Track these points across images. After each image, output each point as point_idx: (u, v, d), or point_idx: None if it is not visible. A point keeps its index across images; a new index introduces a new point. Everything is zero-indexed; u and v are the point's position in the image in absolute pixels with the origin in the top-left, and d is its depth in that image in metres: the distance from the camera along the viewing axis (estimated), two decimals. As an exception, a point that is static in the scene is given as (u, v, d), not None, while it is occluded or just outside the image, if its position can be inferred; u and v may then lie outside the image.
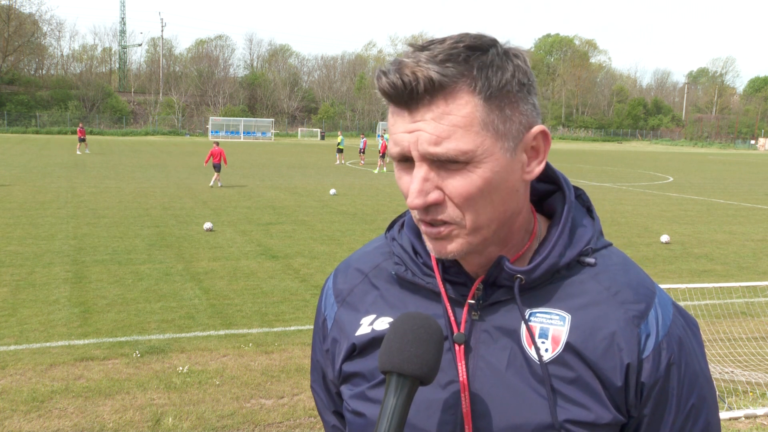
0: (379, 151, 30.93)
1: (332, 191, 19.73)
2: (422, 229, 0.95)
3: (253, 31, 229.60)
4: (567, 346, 0.95)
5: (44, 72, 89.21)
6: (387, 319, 1.04)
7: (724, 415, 5.01)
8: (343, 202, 17.85)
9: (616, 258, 1.03)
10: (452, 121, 0.87)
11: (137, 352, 6.09)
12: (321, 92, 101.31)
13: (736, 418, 5.04)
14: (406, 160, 0.93)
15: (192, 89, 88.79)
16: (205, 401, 5.12)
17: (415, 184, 0.90)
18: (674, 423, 0.98)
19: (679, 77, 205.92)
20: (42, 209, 14.55)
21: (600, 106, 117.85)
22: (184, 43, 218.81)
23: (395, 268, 1.06)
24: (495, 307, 1.00)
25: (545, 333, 0.97)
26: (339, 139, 36.24)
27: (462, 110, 0.87)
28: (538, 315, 0.98)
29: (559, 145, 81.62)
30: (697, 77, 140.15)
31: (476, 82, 0.88)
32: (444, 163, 0.89)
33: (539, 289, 0.99)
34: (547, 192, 1.09)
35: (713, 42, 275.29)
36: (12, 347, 6.16)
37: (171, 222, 13.45)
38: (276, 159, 36.84)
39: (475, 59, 0.88)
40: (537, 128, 0.94)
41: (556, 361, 0.95)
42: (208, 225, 12.61)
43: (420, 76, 0.86)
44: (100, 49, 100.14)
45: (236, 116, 78.51)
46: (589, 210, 1.08)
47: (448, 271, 1.02)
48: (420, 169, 0.90)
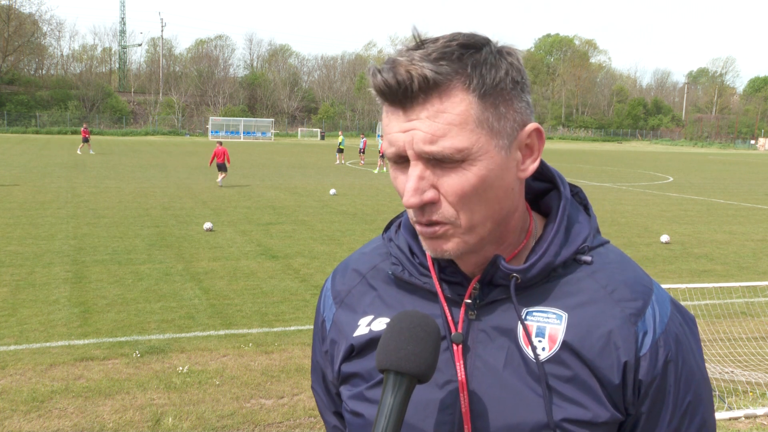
0: (379, 151, 30.93)
1: (332, 191, 19.73)
2: (418, 229, 0.95)
3: (253, 31, 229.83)
4: (564, 344, 0.96)
5: (44, 72, 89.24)
6: (385, 320, 1.04)
7: (724, 415, 5.01)
8: (343, 202, 17.85)
9: (612, 256, 1.03)
10: (447, 119, 0.87)
11: (137, 352, 6.10)
12: (321, 92, 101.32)
13: (736, 418, 5.03)
14: (401, 160, 0.92)
15: (192, 89, 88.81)
16: (205, 401, 5.13)
17: (410, 182, 0.89)
18: (671, 420, 0.98)
19: (679, 77, 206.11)
20: (42, 209, 14.55)
21: (600, 106, 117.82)
22: (184, 43, 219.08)
23: (392, 268, 1.06)
24: (492, 307, 1.00)
25: (542, 332, 0.97)
26: (339, 139, 36.24)
27: (457, 108, 0.87)
28: (534, 314, 0.98)
29: (559, 145, 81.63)
30: (697, 77, 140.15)
31: (470, 79, 0.87)
32: (439, 162, 0.89)
33: (536, 288, 0.99)
34: (543, 190, 1.09)
35: (713, 42, 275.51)
36: (12, 347, 6.17)
37: (171, 222, 13.45)
38: (276, 159, 36.84)
39: (468, 57, 0.88)
40: (531, 126, 0.94)
41: (553, 359, 0.95)
42: (208, 225, 12.61)
43: (414, 75, 0.86)
44: (100, 49, 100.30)
45: (236, 116, 78.51)
46: (585, 207, 1.08)
47: (445, 270, 1.02)
48: (415, 168, 0.90)
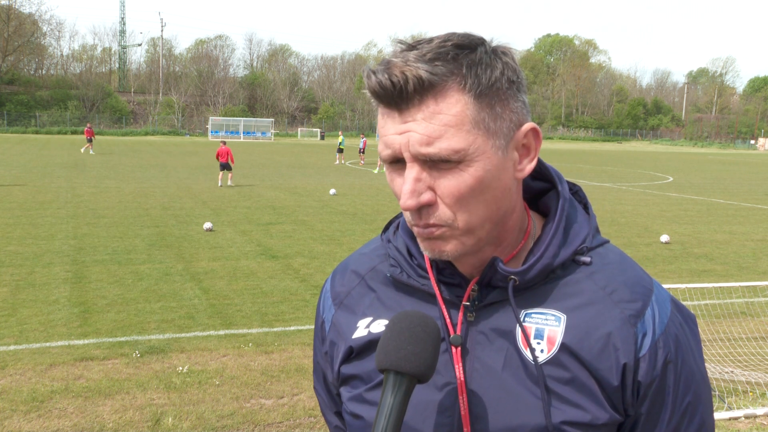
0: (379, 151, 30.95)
1: (332, 191, 19.73)
2: (415, 231, 0.95)
3: (253, 31, 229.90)
4: (562, 346, 0.95)
5: (44, 72, 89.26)
6: (383, 322, 1.03)
7: (724, 415, 5.01)
8: (343, 202, 17.85)
9: (612, 256, 1.02)
10: (443, 120, 0.87)
11: (137, 352, 6.10)
12: (321, 92, 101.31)
13: (736, 418, 5.03)
14: (397, 162, 0.92)
15: (192, 89, 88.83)
16: (205, 401, 5.13)
17: (407, 185, 0.89)
18: (670, 421, 0.97)
19: (679, 77, 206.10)
20: (42, 209, 14.55)
21: (600, 106, 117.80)
22: (183, 43, 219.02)
23: (390, 270, 1.06)
24: (490, 309, 0.99)
25: (540, 334, 0.96)
26: (340, 139, 36.23)
27: (452, 109, 0.87)
28: (533, 315, 0.97)
29: (559, 145, 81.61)
30: (697, 77, 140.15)
31: (466, 80, 0.87)
32: (436, 163, 0.89)
33: (534, 290, 0.99)
34: (542, 190, 1.08)
35: (713, 42, 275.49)
36: (12, 347, 6.17)
37: (171, 222, 13.45)
38: (276, 159, 36.84)
39: (463, 57, 0.87)
40: (527, 126, 0.93)
41: (551, 361, 0.95)
42: (207, 225, 12.61)
43: (409, 76, 0.85)
44: (99, 49, 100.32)
45: (236, 116, 78.52)
46: (585, 206, 1.07)
47: (443, 272, 1.01)
48: (412, 170, 0.89)
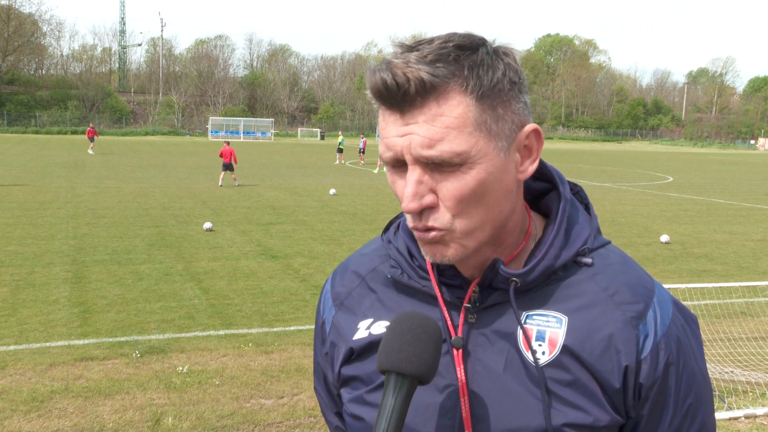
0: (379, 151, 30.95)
1: (332, 191, 19.73)
2: (416, 234, 0.94)
3: (253, 31, 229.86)
4: (564, 348, 0.95)
5: (44, 72, 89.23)
6: (384, 323, 1.03)
7: (724, 415, 5.00)
8: (342, 202, 17.85)
9: (613, 257, 1.02)
10: (445, 122, 0.86)
11: (137, 352, 6.09)
12: (321, 92, 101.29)
13: (736, 418, 5.03)
14: (399, 164, 0.91)
15: (192, 89, 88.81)
16: (204, 401, 5.13)
17: (409, 187, 0.88)
18: (671, 422, 0.97)
19: (679, 77, 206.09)
20: (42, 209, 14.55)
21: (600, 106, 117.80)
22: (184, 43, 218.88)
23: (391, 271, 1.05)
24: (491, 310, 0.99)
25: (542, 335, 0.96)
26: (339, 139, 36.22)
27: (454, 111, 0.86)
28: (534, 317, 0.97)
29: (559, 145, 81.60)
30: (697, 77, 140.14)
31: (468, 81, 0.86)
32: (438, 166, 0.88)
33: (535, 291, 0.98)
34: (543, 190, 1.07)
35: (713, 42, 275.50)
36: (12, 347, 6.17)
37: (171, 222, 13.45)
38: (276, 159, 36.83)
39: (465, 58, 0.86)
40: (529, 127, 0.93)
41: (553, 363, 0.95)
42: (207, 225, 12.61)
43: (411, 78, 0.84)
44: (99, 49, 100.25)
45: (236, 116, 78.50)
46: (586, 207, 1.07)
47: (444, 273, 1.01)
48: (414, 173, 0.89)
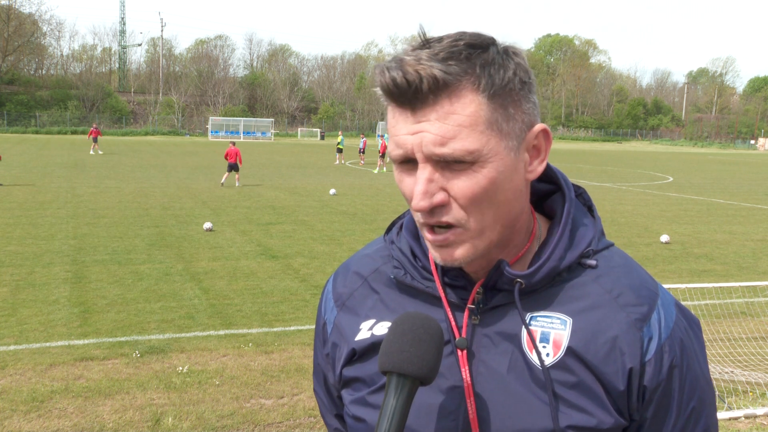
0: (379, 151, 30.91)
1: (332, 191, 19.73)
2: (427, 236, 0.93)
3: (253, 31, 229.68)
4: (568, 350, 0.94)
5: (44, 72, 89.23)
6: (386, 324, 1.02)
7: (724, 415, 5.00)
8: (342, 202, 17.85)
9: (618, 259, 1.02)
10: (457, 120, 0.85)
11: (137, 352, 6.09)
12: (321, 92, 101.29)
13: (736, 418, 5.03)
14: (407, 162, 0.90)
15: (192, 89, 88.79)
16: (204, 401, 5.12)
17: (420, 185, 0.88)
18: (675, 425, 0.97)
19: (679, 77, 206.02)
20: (42, 209, 14.55)
21: (600, 106, 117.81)
22: (184, 43, 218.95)
23: (394, 272, 1.05)
24: (495, 312, 0.98)
25: (546, 337, 0.95)
26: (339, 138, 36.20)
27: (467, 109, 0.86)
28: (539, 319, 0.96)
29: (559, 145, 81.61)
30: (697, 77, 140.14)
31: (480, 80, 0.86)
32: (449, 164, 0.88)
33: (540, 293, 0.98)
34: (547, 192, 1.07)
35: (713, 42, 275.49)
36: (12, 347, 6.16)
37: (171, 222, 13.44)
38: (276, 159, 36.83)
39: (476, 57, 0.86)
40: (538, 127, 0.93)
41: (557, 365, 0.94)
42: (207, 225, 12.61)
43: (423, 75, 0.84)
44: (99, 49, 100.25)
45: (236, 116, 78.49)
46: (590, 209, 1.06)
47: (448, 274, 1.00)
48: (424, 171, 0.88)
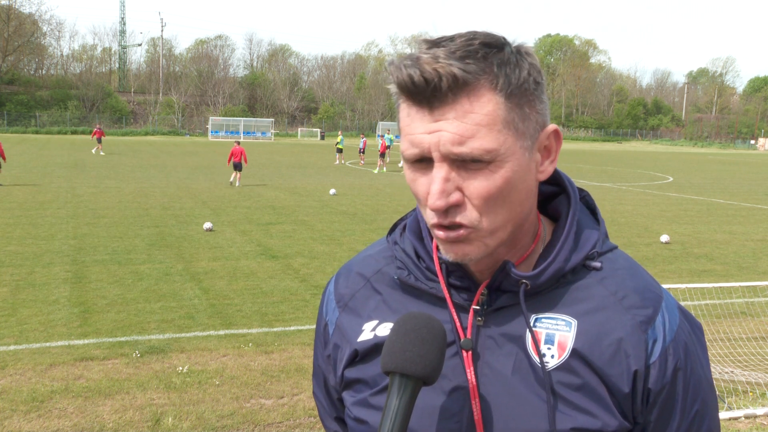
0: (379, 151, 30.89)
1: (332, 191, 19.73)
2: (439, 235, 0.92)
3: (253, 31, 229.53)
4: (573, 352, 0.94)
5: (44, 72, 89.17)
6: (389, 325, 1.01)
7: (724, 415, 5.00)
8: (343, 202, 17.85)
9: (622, 261, 1.02)
10: (475, 119, 0.85)
11: (137, 352, 6.09)
12: (321, 92, 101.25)
13: (736, 418, 5.03)
14: (422, 161, 0.90)
15: (192, 89, 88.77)
16: (204, 401, 5.12)
17: (436, 184, 0.87)
18: (678, 429, 0.97)
19: (679, 77, 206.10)
20: (42, 209, 14.55)
21: (600, 106, 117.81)
22: (184, 43, 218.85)
23: (398, 272, 1.04)
24: (500, 313, 0.98)
25: (551, 339, 0.95)
26: (339, 138, 36.18)
27: (485, 108, 0.86)
28: (543, 320, 0.96)
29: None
30: (697, 77, 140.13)
31: (497, 79, 0.86)
32: (465, 163, 0.87)
33: (545, 294, 0.98)
34: (551, 194, 1.07)
35: (713, 42, 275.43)
36: (12, 347, 6.16)
37: (171, 222, 13.44)
38: (276, 159, 36.83)
39: (493, 56, 0.86)
40: (551, 127, 0.93)
41: (562, 367, 0.94)
42: (207, 225, 12.61)
43: (443, 73, 0.83)
44: (99, 49, 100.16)
45: (236, 116, 78.42)
46: (593, 212, 1.06)
47: (452, 275, 1.00)
48: (440, 170, 0.87)
